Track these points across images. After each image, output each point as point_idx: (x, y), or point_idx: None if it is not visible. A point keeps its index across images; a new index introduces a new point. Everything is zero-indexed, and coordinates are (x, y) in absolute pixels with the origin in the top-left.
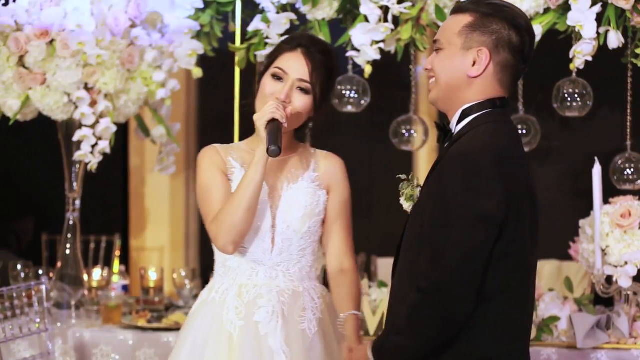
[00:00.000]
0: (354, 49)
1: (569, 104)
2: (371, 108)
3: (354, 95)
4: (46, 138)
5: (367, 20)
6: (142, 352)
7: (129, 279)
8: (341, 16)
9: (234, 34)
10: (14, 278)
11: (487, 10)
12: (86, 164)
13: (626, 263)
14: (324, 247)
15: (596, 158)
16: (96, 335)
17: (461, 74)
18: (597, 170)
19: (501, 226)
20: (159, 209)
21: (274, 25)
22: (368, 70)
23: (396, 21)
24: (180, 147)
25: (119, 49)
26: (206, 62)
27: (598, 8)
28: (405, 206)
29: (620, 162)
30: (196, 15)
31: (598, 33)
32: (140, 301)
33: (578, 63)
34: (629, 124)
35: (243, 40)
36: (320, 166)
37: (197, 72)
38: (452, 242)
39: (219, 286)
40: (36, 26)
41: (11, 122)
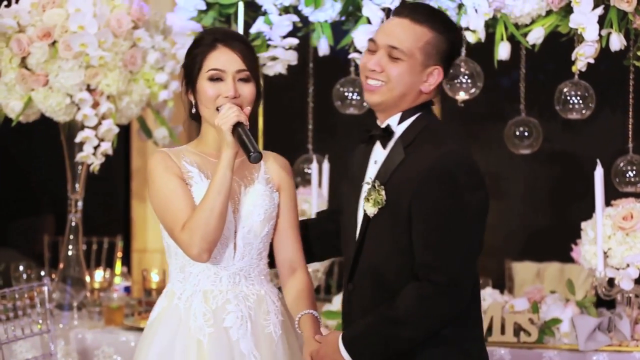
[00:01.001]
0: (356, 50)
1: (571, 106)
2: (373, 110)
3: (356, 97)
4: (48, 140)
5: (369, 21)
6: None
7: (131, 280)
8: (343, 18)
9: None
10: (16, 279)
11: (441, 28)
12: (88, 166)
13: (628, 265)
14: (273, 248)
15: (598, 160)
16: (98, 337)
17: (416, 87)
18: (598, 173)
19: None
20: None
21: (276, 27)
22: None
23: None
24: None
25: (121, 51)
26: None
27: (600, 10)
28: (370, 211)
29: (622, 164)
30: (198, 16)
31: (600, 35)
32: (142, 302)
33: (580, 65)
34: (630, 126)
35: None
36: (270, 167)
37: None
38: (454, 244)
39: (180, 292)
40: (38, 27)
41: (13, 124)
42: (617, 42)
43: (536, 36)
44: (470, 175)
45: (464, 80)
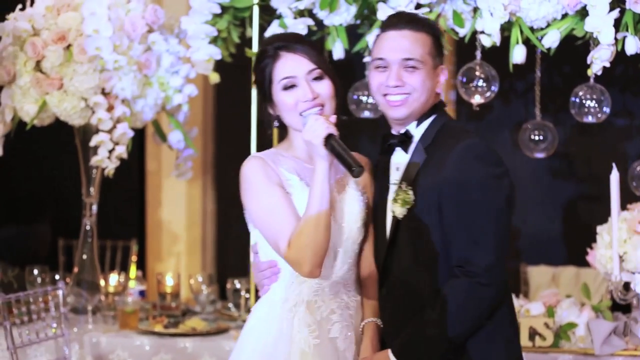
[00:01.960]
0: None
1: (586, 109)
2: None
3: (371, 100)
4: (63, 143)
5: None
6: (158, 357)
7: (146, 284)
8: (358, 21)
9: (251, 39)
10: (31, 283)
11: (432, 30)
12: (103, 169)
13: None
14: None
15: (614, 164)
16: (113, 341)
17: (434, 90)
18: (614, 176)
19: None
20: (175, 214)
21: (291, 30)
22: None
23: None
24: (198, 153)
25: (136, 54)
26: (223, 67)
27: (616, 14)
28: (398, 212)
29: (638, 168)
30: (213, 20)
31: (616, 39)
32: (157, 306)
33: (596, 69)
34: None
35: (260, 45)
36: None
37: (214, 78)
38: (488, 231)
39: (282, 303)
40: (53, 31)
41: (28, 127)
42: (633, 45)
43: (552, 39)
44: (497, 163)
45: (479, 84)
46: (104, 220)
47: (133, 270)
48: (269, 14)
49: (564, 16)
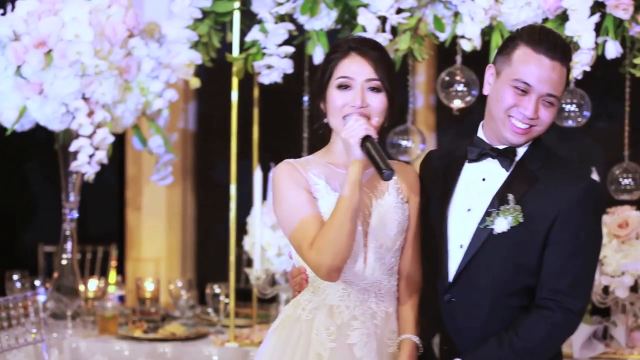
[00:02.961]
0: None
1: (566, 114)
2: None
3: None
4: (43, 148)
5: (365, 30)
6: None
7: (125, 289)
8: (339, 26)
9: (231, 44)
10: (10, 288)
11: (569, 62)
12: (83, 174)
13: (623, 273)
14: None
15: (594, 168)
16: (92, 346)
17: None
18: None
19: None
20: (155, 219)
21: (271, 35)
22: None
23: (394, 31)
24: (178, 158)
25: (116, 59)
26: (204, 72)
27: (596, 18)
28: (500, 227)
29: (617, 172)
30: (194, 25)
31: (596, 43)
32: (137, 311)
33: (576, 73)
34: (626, 134)
35: (241, 50)
36: (401, 176)
37: (195, 82)
38: (588, 272)
39: (306, 304)
40: (34, 36)
41: (8, 132)
42: (613, 49)
43: None
44: (603, 208)
45: (459, 88)
46: (84, 225)
47: (112, 276)
48: (249, 19)
49: (545, 20)
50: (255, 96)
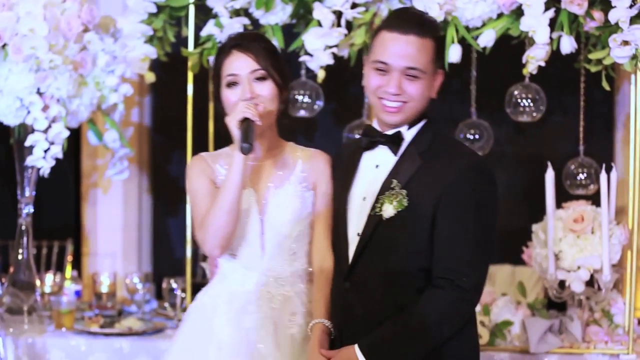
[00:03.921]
0: (307, 53)
1: (521, 108)
2: (324, 113)
3: (306, 99)
4: None
5: (320, 24)
6: (94, 357)
7: (82, 284)
8: (294, 21)
9: (186, 38)
10: None
11: (435, 32)
12: (38, 169)
13: (579, 267)
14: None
15: (549, 163)
16: (48, 341)
17: (429, 97)
18: (549, 175)
19: None
20: (111, 213)
21: (226, 29)
22: (321, 75)
23: (349, 26)
24: (133, 152)
25: (71, 54)
26: (159, 66)
27: (551, 13)
28: (388, 213)
29: (573, 167)
30: (149, 19)
31: (551, 38)
32: (93, 306)
33: (531, 68)
34: (581, 128)
35: (196, 45)
36: (306, 165)
37: (150, 77)
38: (480, 247)
39: (212, 291)
40: None
41: None
42: (567, 44)
43: (487, 39)
44: (494, 182)
45: None
46: (40, 220)
47: (69, 271)
48: (204, 14)
49: (500, 15)
50: (211, 90)
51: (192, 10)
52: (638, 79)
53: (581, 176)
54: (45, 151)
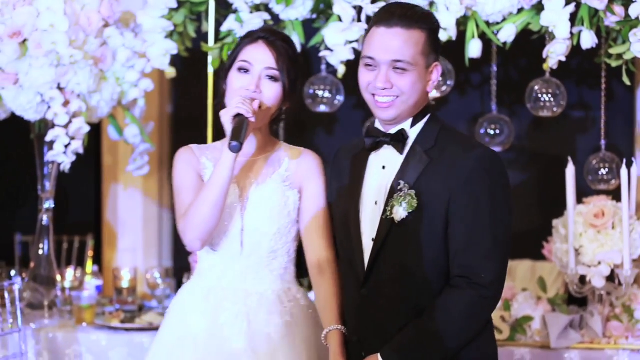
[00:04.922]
0: (327, 48)
1: (542, 103)
2: (345, 107)
3: (327, 95)
4: (19, 138)
5: (340, 20)
6: (115, 352)
7: (102, 279)
8: (315, 16)
9: (207, 33)
10: None
11: (427, 23)
12: (59, 164)
13: (599, 263)
14: (303, 249)
15: (569, 158)
16: (69, 336)
17: (425, 90)
18: (570, 170)
19: None
20: (132, 209)
21: (247, 25)
22: (342, 70)
23: (370, 21)
24: (154, 147)
25: (91, 49)
26: (179, 61)
27: (572, 8)
28: (399, 215)
29: (594, 162)
30: (169, 15)
31: (572, 33)
32: (113, 301)
33: (551, 63)
34: (603, 124)
35: (216, 40)
36: (293, 164)
37: (171, 72)
38: (497, 242)
39: (191, 287)
40: (9, 26)
41: None
42: (588, 39)
43: (507, 34)
44: (505, 174)
45: None
46: (61, 215)
47: (89, 265)
48: (225, 9)
49: (520, 10)
50: None
51: (212, 5)
52: None
53: (603, 171)
54: (66, 146)
